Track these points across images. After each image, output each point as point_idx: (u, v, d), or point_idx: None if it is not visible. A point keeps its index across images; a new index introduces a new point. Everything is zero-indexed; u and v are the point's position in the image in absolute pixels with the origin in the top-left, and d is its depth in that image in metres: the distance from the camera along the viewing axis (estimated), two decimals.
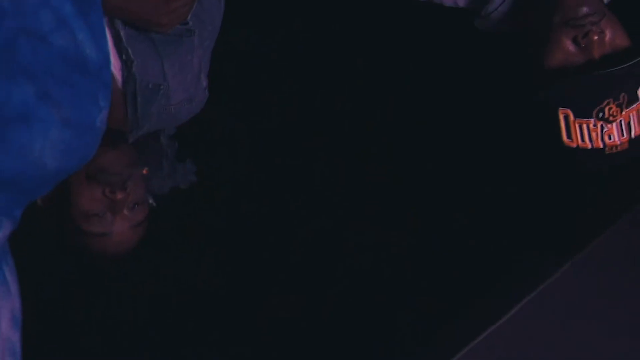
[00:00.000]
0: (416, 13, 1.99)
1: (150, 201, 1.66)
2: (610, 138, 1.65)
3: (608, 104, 1.63)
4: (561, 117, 1.65)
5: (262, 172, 2.05)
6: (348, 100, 2.12)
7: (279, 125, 2.09)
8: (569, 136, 1.66)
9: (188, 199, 1.94)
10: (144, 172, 1.62)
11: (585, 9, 1.64)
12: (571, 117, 1.65)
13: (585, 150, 1.65)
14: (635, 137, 1.65)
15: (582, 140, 1.65)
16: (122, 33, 1.44)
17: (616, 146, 1.65)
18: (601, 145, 1.65)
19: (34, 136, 1.30)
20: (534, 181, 1.93)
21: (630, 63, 1.62)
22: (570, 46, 1.66)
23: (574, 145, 1.66)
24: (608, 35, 1.65)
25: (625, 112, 1.63)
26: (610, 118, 1.63)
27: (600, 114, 1.63)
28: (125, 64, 1.48)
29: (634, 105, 1.64)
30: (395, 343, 1.80)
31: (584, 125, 1.64)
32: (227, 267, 1.93)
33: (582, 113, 1.64)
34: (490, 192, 1.97)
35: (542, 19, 1.69)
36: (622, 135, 1.65)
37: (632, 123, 1.64)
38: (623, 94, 1.63)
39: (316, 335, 1.84)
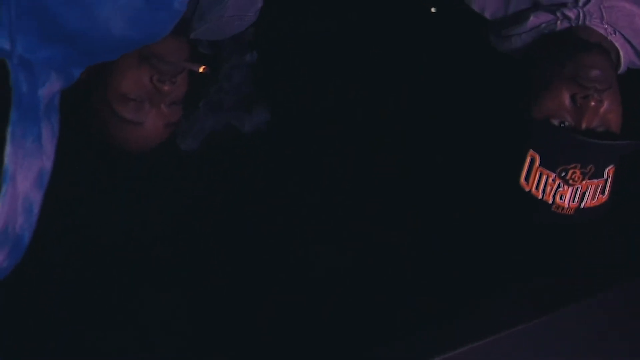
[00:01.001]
0: (435, 4, 2.00)
1: None
2: (561, 198, 1.67)
3: (574, 167, 1.65)
4: (528, 158, 1.67)
5: (270, 165, 2.05)
6: (362, 89, 2.12)
7: (291, 114, 2.08)
8: (527, 178, 1.69)
9: (189, 194, 1.95)
10: (201, 70, 1.55)
11: (597, 72, 1.64)
12: (537, 162, 1.66)
13: (534, 198, 1.68)
14: (584, 208, 1.67)
15: (537, 188, 1.68)
16: None
17: (563, 208, 1.67)
18: (550, 201, 1.68)
19: None
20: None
21: (613, 142, 1.65)
22: (566, 100, 1.66)
23: (528, 188, 1.68)
24: (605, 106, 1.66)
25: (586, 182, 1.65)
26: (570, 181, 1.65)
27: (563, 174, 1.65)
28: None
29: (597, 180, 1.66)
30: (395, 343, 1.80)
31: (544, 176, 1.66)
32: (227, 267, 1.93)
33: (548, 164, 1.67)
34: (491, 192, 1.96)
35: (553, 64, 1.69)
36: (573, 201, 1.68)
37: (587, 194, 1.67)
38: (591, 165, 1.65)
39: (316, 335, 1.84)
